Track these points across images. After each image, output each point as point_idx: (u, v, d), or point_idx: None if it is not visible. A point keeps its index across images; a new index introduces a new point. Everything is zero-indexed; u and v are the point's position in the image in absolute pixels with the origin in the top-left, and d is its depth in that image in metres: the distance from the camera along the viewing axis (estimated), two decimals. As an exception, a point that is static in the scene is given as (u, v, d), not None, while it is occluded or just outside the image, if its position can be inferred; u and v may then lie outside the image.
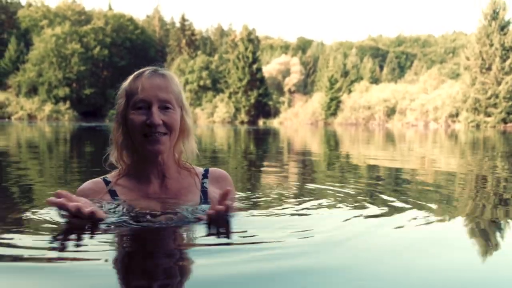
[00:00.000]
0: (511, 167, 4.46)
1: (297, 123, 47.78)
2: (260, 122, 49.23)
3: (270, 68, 61.69)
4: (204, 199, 1.71)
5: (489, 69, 37.97)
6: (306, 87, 63.57)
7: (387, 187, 2.81)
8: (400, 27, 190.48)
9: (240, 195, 2.25)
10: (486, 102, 37.01)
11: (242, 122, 49.38)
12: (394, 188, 2.77)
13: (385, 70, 68.79)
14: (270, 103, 54.07)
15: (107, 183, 1.67)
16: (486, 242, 1.50)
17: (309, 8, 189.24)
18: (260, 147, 8.31)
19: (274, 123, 48.51)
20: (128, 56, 63.73)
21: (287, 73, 63.03)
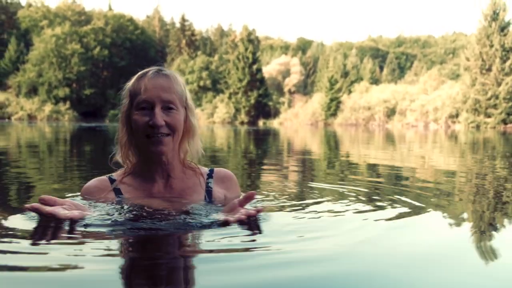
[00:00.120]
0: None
1: (297, 123, 47.78)
2: (260, 123, 49.23)
3: (270, 68, 61.70)
4: (209, 199, 1.71)
5: (489, 70, 37.98)
6: (306, 88, 63.59)
7: (393, 188, 2.80)
8: (400, 28, 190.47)
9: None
10: (486, 103, 37.03)
11: (242, 123, 49.38)
12: (401, 189, 2.76)
13: (385, 70, 68.82)
14: (270, 103, 54.08)
15: (112, 181, 1.68)
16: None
17: (309, 8, 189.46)
18: (261, 148, 8.30)
19: (274, 123, 48.51)
20: (128, 56, 63.76)
21: (287, 73, 63.05)
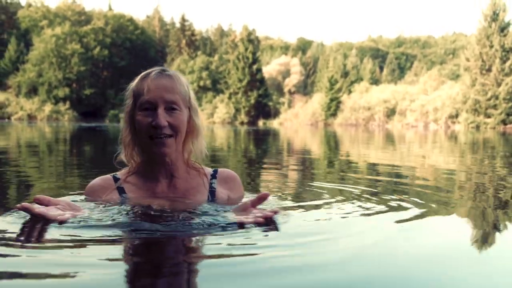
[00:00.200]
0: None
1: (297, 123, 47.79)
2: (260, 123, 49.25)
3: (270, 68, 61.71)
4: (212, 199, 1.72)
5: (489, 70, 38.00)
6: (306, 88, 63.60)
7: (395, 188, 2.79)
8: (400, 28, 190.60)
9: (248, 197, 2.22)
10: (486, 103, 37.04)
11: (242, 123, 49.39)
12: (404, 189, 2.75)
13: (385, 71, 68.85)
14: (270, 103, 54.09)
15: (116, 180, 1.69)
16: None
17: (309, 8, 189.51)
18: (261, 148, 8.30)
19: (274, 123, 48.52)
20: (128, 56, 63.77)
21: (287, 73, 63.06)
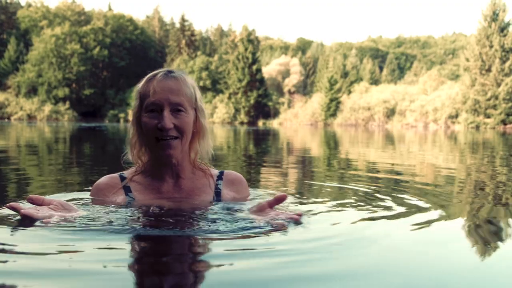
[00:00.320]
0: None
1: (296, 123, 47.80)
2: (260, 123, 49.26)
3: (270, 68, 61.70)
4: (217, 200, 1.73)
5: (488, 70, 38.02)
6: (305, 88, 63.60)
7: (398, 187, 2.79)
8: (400, 28, 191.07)
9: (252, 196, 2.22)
10: (486, 103, 37.07)
11: (242, 123, 49.40)
12: (406, 189, 2.76)
13: (384, 71, 68.88)
14: (270, 103, 54.09)
15: (122, 179, 1.71)
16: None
17: (309, 9, 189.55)
18: (261, 147, 8.30)
19: (274, 123, 48.53)
20: (127, 56, 63.76)
21: (286, 73, 63.05)
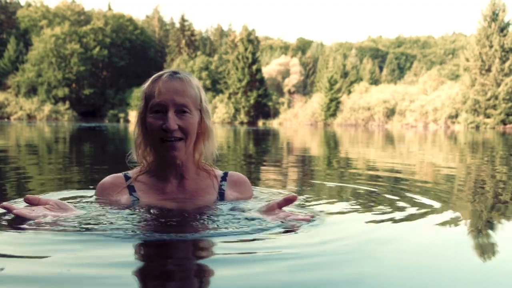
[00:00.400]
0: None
1: (296, 123, 47.80)
2: (260, 123, 49.26)
3: (270, 68, 61.69)
4: (221, 201, 1.74)
5: (488, 70, 38.03)
6: (305, 88, 63.59)
7: (400, 186, 2.79)
8: (399, 28, 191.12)
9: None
10: (486, 103, 37.07)
11: (242, 123, 49.40)
12: (409, 187, 2.75)
13: (384, 71, 68.87)
14: (270, 103, 54.09)
15: (127, 178, 1.73)
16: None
17: (308, 8, 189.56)
18: (263, 148, 8.30)
19: (274, 123, 48.53)
20: (127, 56, 63.75)
21: (286, 73, 63.04)
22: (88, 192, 2.22)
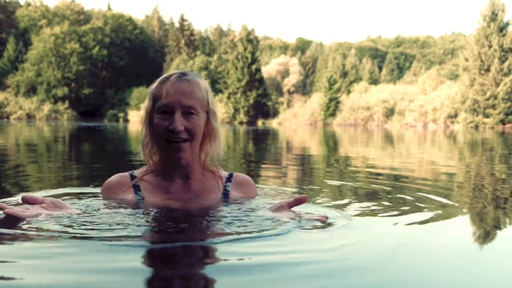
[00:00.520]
0: None
1: (296, 123, 47.81)
2: (259, 123, 49.26)
3: (269, 68, 61.69)
4: (225, 201, 1.75)
5: (487, 70, 38.06)
6: (305, 88, 63.59)
7: (403, 186, 2.79)
8: (399, 28, 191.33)
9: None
10: (485, 103, 37.10)
11: (241, 123, 49.39)
12: (413, 187, 2.75)
13: (384, 71, 68.87)
14: (269, 103, 54.08)
15: (132, 177, 1.74)
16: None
17: (308, 8, 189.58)
18: (263, 148, 8.30)
19: (273, 123, 48.53)
20: (127, 56, 63.72)
21: (286, 73, 63.04)
22: (86, 189, 2.22)
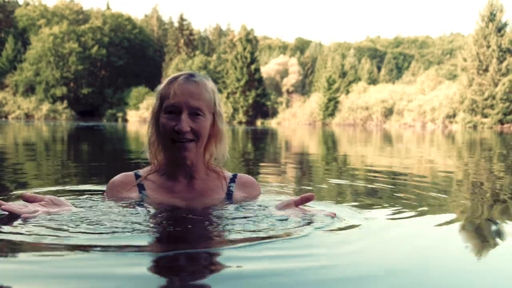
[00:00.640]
0: None
1: (295, 123, 47.82)
2: (258, 123, 49.25)
3: (268, 68, 61.66)
4: (229, 201, 1.76)
5: (486, 70, 38.12)
6: (304, 88, 63.59)
7: (406, 185, 2.80)
8: (398, 28, 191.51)
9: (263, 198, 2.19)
10: (483, 103, 37.17)
11: (240, 122, 49.38)
12: (415, 187, 2.76)
13: (382, 71, 68.89)
14: (268, 103, 54.07)
15: (137, 177, 1.75)
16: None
17: (307, 8, 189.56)
18: (262, 147, 8.31)
19: (272, 123, 48.53)
20: (126, 55, 63.62)
21: (285, 73, 63.02)
22: (85, 187, 2.24)
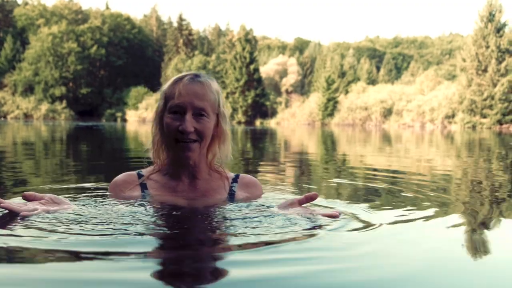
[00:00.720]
0: None
1: (294, 123, 47.83)
2: (257, 123, 49.25)
3: (268, 68, 61.66)
4: (231, 201, 1.76)
5: (485, 70, 38.17)
6: (303, 88, 63.60)
7: (409, 185, 2.80)
8: (397, 29, 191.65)
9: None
10: (482, 103, 37.21)
11: (239, 122, 49.37)
12: (417, 187, 2.76)
13: (382, 71, 68.92)
14: (267, 103, 54.07)
15: (140, 176, 1.76)
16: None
17: (306, 8, 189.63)
18: (262, 147, 8.31)
19: (271, 123, 48.53)
20: (125, 55, 63.58)
21: (284, 73, 63.03)
22: (85, 185, 2.23)
